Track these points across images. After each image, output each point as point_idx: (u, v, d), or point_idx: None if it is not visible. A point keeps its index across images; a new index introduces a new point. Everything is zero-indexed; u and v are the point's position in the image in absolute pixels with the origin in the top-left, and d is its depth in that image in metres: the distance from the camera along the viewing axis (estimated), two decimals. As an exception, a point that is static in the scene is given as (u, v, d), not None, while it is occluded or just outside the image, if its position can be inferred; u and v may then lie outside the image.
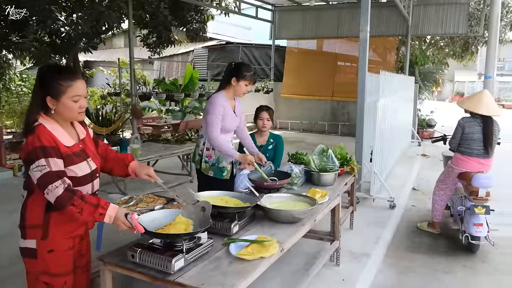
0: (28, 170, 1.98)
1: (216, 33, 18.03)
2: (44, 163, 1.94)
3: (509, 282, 3.65)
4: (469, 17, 11.46)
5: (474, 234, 4.00)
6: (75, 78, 2.07)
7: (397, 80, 7.74)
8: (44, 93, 2.03)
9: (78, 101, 2.08)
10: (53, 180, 1.94)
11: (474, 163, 4.36)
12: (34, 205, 2.08)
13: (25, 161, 1.99)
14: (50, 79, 2.03)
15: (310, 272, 3.25)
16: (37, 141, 1.96)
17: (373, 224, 4.98)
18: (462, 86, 35.43)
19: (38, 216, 2.07)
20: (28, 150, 1.96)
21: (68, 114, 2.09)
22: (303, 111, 13.36)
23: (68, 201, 1.94)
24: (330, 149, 3.92)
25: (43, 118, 2.06)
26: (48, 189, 1.93)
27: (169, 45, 11.63)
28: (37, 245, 2.09)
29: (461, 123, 4.44)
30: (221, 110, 3.40)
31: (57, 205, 1.97)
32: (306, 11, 12.95)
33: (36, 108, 2.05)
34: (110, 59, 17.65)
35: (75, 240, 2.20)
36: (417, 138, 11.47)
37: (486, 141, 4.29)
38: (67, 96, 2.04)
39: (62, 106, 2.05)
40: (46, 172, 1.94)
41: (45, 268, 2.10)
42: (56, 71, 2.07)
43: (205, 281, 1.98)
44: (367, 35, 5.76)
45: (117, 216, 2.06)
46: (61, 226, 2.10)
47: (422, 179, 7.39)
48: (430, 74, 13.45)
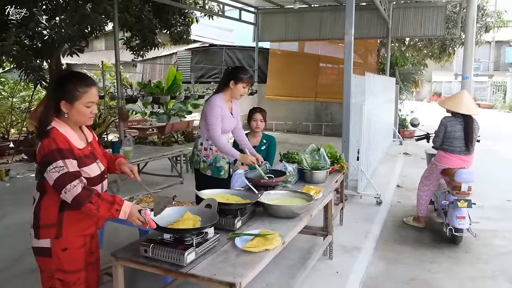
0: (44, 172, 2.06)
1: (199, 35, 18.10)
2: (61, 164, 2.03)
3: (490, 270, 3.88)
4: (446, 19, 11.84)
5: (458, 227, 4.24)
6: (91, 85, 2.18)
7: (381, 81, 7.99)
8: (59, 97, 2.12)
9: (90, 107, 2.18)
10: (71, 179, 2.03)
11: (456, 160, 4.60)
12: (48, 205, 2.16)
13: (41, 163, 2.06)
14: (68, 84, 2.12)
15: (307, 265, 3.41)
16: (53, 143, 2.05)
17: (361, 219, 5.19)
18: (440, 86, 36.24)
19: (52, 215, 2.15)
20: (45, 152, 2.04)
21: (79, 119, 2.19)
22: (287, 112, 13.56)
23: (86, 199, 2.04)
24: (322, 148, 4.08)
25: (56, 121, 2.14)
26: (66, 188, 2.02)
27: (152, 48, 11.67)
28: (52, 244, 2.17)
29: (443, 122, 4.67)
30: (219, 111, 3.54)
31: (75, 204, 2.05)
32: (289, 13, 13.16)
33: (51, 112, 2.13)
34: (91, 62, 17.54)
35: (86, 238, 2.30)
36: (399, 137, 11.80)
37: (467, 139, 4.54)
38: (81, 101, 2.14)
39: (76, 111, 2.15)
40: (64, 173, 2.03)
41: (59, 265, 2.20)
42: (75, 77, 2.17)
43: (216, 272, 2.10)
44: (351, 38, 5.97)
45: (131, 212, 2.17)
46: (74, 225, 2.19)
47: (406, 176, 7.65)
48: (409, 75, 13.80)
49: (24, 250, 4.27)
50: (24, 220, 5.21)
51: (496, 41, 30.46)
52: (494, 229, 4.87)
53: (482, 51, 27.68)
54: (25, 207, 5.64)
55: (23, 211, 5.55)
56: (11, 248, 4.36)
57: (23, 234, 4.75)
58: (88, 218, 2.24)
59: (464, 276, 3.78)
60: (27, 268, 3.87)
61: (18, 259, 4.08)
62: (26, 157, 9.26)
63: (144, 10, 10.25)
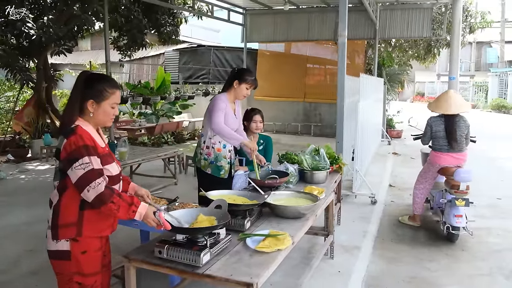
0: (68, 169, 2.06)
1: (185, 36, 18.03)
2: (87, 161, 2.05)
3: (487, 267, 3.97)
4: (432, 21, 12.03)
5: (455, 225, 4.32)
6: (117, 87, 2.27)
7: (372, 82, 8.09)
8: (87, 97, 2.16)
9: (114, 108, 2.25)
10: (96, 177, 2.05)
11: (447, 158, 4.73)
12: (69, 204, 2.15)
13: (67, 160, 2.06)
14: (97, 84, 2.18)
15: (312, 264, 3.44)
16: (80, 140, 2.07)
17: (358, 219, 5.25)
18: (423, 87, 36.84)
19: (72, 214, 2.14)
20: (72, 149, 2.06)
21: (103, 118, 2.23)
22: (276, 112, 13.61)
23: (108, 198, 2.06)
24: (322, 149, 4.12)
25: (79, 120, 2.17)
26: (91, 186, 2.03)
27: (140, 48, 11.60)
28: (71, 247, 2.15)
29: (429, 123, 4.86)
30: (224, 105, 3.60)
31: (97, 202, 2.06)
32: (277, 14, 13.19)
33: (76, 110, 2.17)
34: (76, 62, 17.31)
35: (102, 240, 2.30)
36: (387, 137, 11.95)
37: (449, 137, 4.68)
38: (108, 102, 2.21)
39: (102, 111, 2.20)
40: (89, 170, 2.04)
41: (78, 268, 2.18)
42: (103, 78, 2.25)
43: (232, 272, 2.11)
44: (345, 39, 6.00)
45: (147, 213, 2.19)
46: (93, 225, 2.19)
47: (397, 176, 7.76)
48: (395, 76, 14.02)
49: (21, 252, 4.22)
50: (19, 221, 5.16)
51: (477, 42, 31.07)
52: (488, 227, 4.98)
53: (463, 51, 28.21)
54: (19, 208, 5.64)
55: (18, 213, 5.48)
56: (8, 250, 4.29)
57: (19, 236, 4.71)
58: (105, 219, 2.24)
59: (463, 273, 3.86)
60: (26, 270, 3.83)
61: (15, 262, 4.02)
62: (12, 158, 9.11)
63: (133, 10, 10.18)
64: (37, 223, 5.08)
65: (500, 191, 6.66)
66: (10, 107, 12.37)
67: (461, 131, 4.68)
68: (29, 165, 8.64)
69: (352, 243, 4.46)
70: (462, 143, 4.71)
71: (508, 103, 24.45)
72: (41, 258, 4.05)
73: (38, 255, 4.13)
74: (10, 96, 13.16)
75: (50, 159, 9.02)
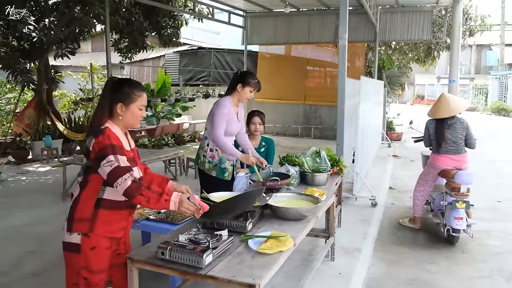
0: (98, 166, 2.18)
1: (186, 38, 18.06)
2: (113, 159, 2.16)
3: (488, 269, 3.98)
4: (432, 23, 12.06)
5: (455, 227, 4.33)
6: (144, 90, 2.40)
7: (372, 85, 8.11)
8: (116, 100, 2.30)
9: (141, 110, 2.38)
10: (122, 173, 2.15)
11: (445, 159, 4.76)
12: (86, 200, 2.27)
13: (96, 158, 2.19)
14: (125, 88, 2.32)
15: (313, 266, 3.45)
16: (107, 139, 2.19)
17: (358, 221, 5.26)
18: (422, 89, 36.89)
19: (88, 210, 2.25)
20: (99, 148, 2.18)
21: (131, 121, 2.37)
22: (276, 115, 13.62)
23: (136, 191, 2.15)
24: (324, 151, 4.13)
25: (109, 122, 2.30)
26: (118, 182, 2.14)
27: (141, 50, 11.64)
28: (81, 241, 2.26)
29: (426, 125, 4.97)
30: (226, 111, 3.60)
31: (127, 196, 2.18)
32: (277, 17, 13.23)
33: (105, 113, 2.30)
34: (77, 64, 17.33)
35: (113, 241, 2.37)
36: (387, 139, 11.96)
37: (438, 138, 4.75)
38: (136, 104, 2.34)
39: (130, 113, 2.33)
40: (115, 167, 2.15)
41: (86, 263, 2.27)
42: (131, 82, 2.38)
43: (235, 274, 2.12)
44: (345, 42, 6.01)
45: (181, 200, 2.25)
46: (105, 224, 2.28)
47: (397, 178, 7.77)
48: (395, 78, 14.04)
49: (22, 253, 4.23)
50: (20, 223, 5.16)
51: (477, 44, 31.10)
52: (488, 230, 4.99)
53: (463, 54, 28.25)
54: (20, 210, 5.65)
55: (19, 214, 5.49)
56: (9, 252, 4.30)
57: (20, 237, 4.72)
58: (118, 222, 2.34)
59: (463, 275, 3.87)
60: (27, 272, 3.83)
61: (17, 263, 4.02)
62: (13, 159, 9.12)
63: (134, 12, 10.22)
64: (37, 224, 5.09)
65: (500, 193, 6.68)
66: (11, 108, 12.41)
67: (457, 133, 4.71)
68: (29, 167, 8.65)
69: (353, 245, 4.47)
70: (458, 145, 4.73)
71: (508, 106, 24.48)
72: (42, 260, 4.07)
73: (39, 257, 4.14)
74: (11, 98, 13.21)
75: (51, 161, 9.03)
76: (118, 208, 2.33)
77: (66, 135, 9.72)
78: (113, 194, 2.29)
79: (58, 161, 8.75)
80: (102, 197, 2.28)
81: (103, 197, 2.28)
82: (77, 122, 10.77)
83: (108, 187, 2.28)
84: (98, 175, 2.24)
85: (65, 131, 9.69)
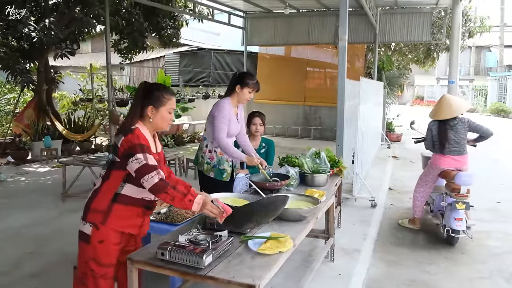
0: (126, 163, 2.29)
1: (186, 39, 18.04)
2: (141, 157, 2.26)
3: (487, 270, 3.98)
4: (431, 25, 12.08)
5: (455, 228, 4.34)
6: (173, 94, 2.54)
7: (372, 86, 8.12)
8: (147, 103, 2.42)
9: (170, 113, 2.51)
10: (150, 171, 2.24)
11: (447, 160, 4.77)
12: (105, 193, 2.39)
13: (124, 155, 2.30)
14: (156, 92, 2.45)
15: (313, 267, 3.45)
16: (136, 139, 2.31)
17: (358, 222, 5.27)
18: (422, 90, 36.91)
19: (104, 203, 2.37)
20: (128, 146, 2.30)
21: (161, 123, 2.48)
22: (276, 116, 13.62)
23: (162, 189, 2.25)
24: (323, 152, 4.13)
25: (139, 123, 2.43)
26: (145, 178, 2.23)
27: (141, 51, 11.64)
28: (91, 233, 2.36)
29: (429, 127, 4.96)
30: (227, 114, 3.60)
31: (153, 192, 2.27)
32: (277, 18, 13.23)
33: (136, 115, 2.44)
34: (77, 64, 17.33)
35: (123, 237, 2.45)
36: (387, 140, 11.97)
37: (441, 139, 4.76)
38: (166, 107, 2.47)
39: (160, 116, 2.45)
40: (143, 164, 2.25)
41: (94, 255, 2.37)
42: (161, 86, 2.52)
43: (235, 274, 2.12)
44: (345, 43, 6.02)
45: (205, 202, 2.35)
46: (118, 219, 2.38)
47: (396, 179, 7.78)
48: (395, 79, 14.04)
49: (21, 254, 4.22)
50: (19, 224, 5.15)
51: (476, 46, 31.12)
52: (488, 230, 5.00)
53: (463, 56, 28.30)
54: (19, 211, 5.64)
55: (18, 215, 5.48)
56: (9, 252, 4.29)
57: (20, 238, 4.71)
58: (132, 219, 2.42)
59: (463, 276, 3.87)
60: (27, 273, 3.83)
61: (17, 263, 4.02)
62: (12, 160, 9.12)
63: (134, 13, 10.22)
64: (37, 225, 5.09)
65: (500, 194, 6.68)
66: (10, 109, 12.41)
67: (459, 133, 4.72)
68: (29, 167, 8.64)
69: (353, 246, 4.47)
70: (461, 146, 4.74)
71: (507, 107, 24.51)
72: (41, 261, 4.06)
73: (39, 258, 4.14)
74: (11, 98, 13.20)
75: (50, 161, 9.03)
76: (133, 204, 2.41)
77: (65, 135, 9.72)
78: (131, 191, 2.39)
79: (58, 161, 8.76)
80: (120, 192, 2.37)
81: (121, 192, 2.37)
82: (77, 122, 10.76)
83: (127, 184, 2.38)
84: (120, 171, 2.36)
85: (64, 132, 9.69)
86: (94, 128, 10.11)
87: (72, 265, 3.27)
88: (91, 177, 6.18)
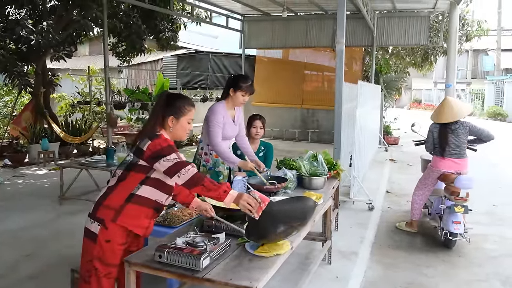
0: (154, 163, 2.36)
1: (184, 42, 18.06)
2: (175, 156, 2.36)
3: (484, 273, 4.00)
4: (429, 29, 12.13)
5: (453, 231, 4.35)
6: (193, 105, 2.61)
7: (369, 89, 8.14)
8: (168, 113, 2.49)
9: (190, 123, 2.58)
10: (185, 165, 2.35)
11: (448, 163, 4.79)
12: (120, 192, 2.41)
13: (152, 157, 2.36)
14: (177, 102, 2.52)
15: (310, 270, 3.45)
16: (164, 142, 2.40)
17: (355, 225, 5.27)
18: (420, 94, 37.03)
19: (118, 201, 2.40)
20: (157, 148, 2.36)
21: (180, 133, 2.57)
22: (273, 118, 13.61)
23: (200, 181, 2.35)
24: (321, 155, 4.14)
25: (162, 131, 2.50)
26: (181, 172, 2.33)
27: (139, 54, 11.64)
28: (99, 232, 2.37)
29: (430, 129, 4.97)
30: (220, 117, 3.60)
31: (189, 184, 2.36)
32: (275, 21, 13.26)
33: (158, 123, 2.50)
34: (74, 67, 17.31)
35: (129, 237, 2.46)
36: (384, 143, 11.99)
37: (441, 142, 4.79)
38: (186, 118, 2.55)
39: (179, 125, 2.53)
40: (177, 162, 2.35)
41: (100, 254, 2.38)
42: (182, 97, 2.60)
43: (232, 276, 2.12)
44: (343, 47, 6.03)
45: (239, 195, 2.43)
46: (128, 217, 2.40)
47: (394, 182, 7.79)
48: (393, 83, 14.09)
49: (18, 257, 4.21)
50: (16, 226, 5.14)
51: (474, 49, 31.25)
52: (485, 234, 5.01)
53: (460, 59, 28.42)
54: (17, 213, 5.63)
55: (15, 218, 5.47)
56: (5, 255, 4.27)
57: (17, 241, 4.70)
58: (141, 219, 2.44)
59: (460, 279, 3.88)
60: (24, 275, 3.82)
61: (13, 266, 4.01)
62: (10, 162, 9.09)
63: (132, 16, 10.23)
64: (34, 228, 5.07)
65: (497, 198, 6.70)
66: (7, 111, 12.38)
67: (460, 137, 4.73)
68: (26, 170, 8.62)
69: (350, 248, 4.48)
70: (462, 149, 4.76)
71: (505, 111, 24.58)
72: (39, 263, 4.06)
73: (36, 260, 4.13)
74: (8, 101, 13.17)
75: (48, 164, 9.01)
76: (146, 205, 2.44)
77: (63, 138, 9.69)
78: (147, 192, 2.43)
79: (55, 164, 8.74)
80: (135, 193, 2.40)
81: (136, 193, 2.41)
82: (74, 125, 10.74)
83: (144, 186, 2.42)
84: (140, 174, 2.41)
85: (62, 134, 9.67)
86: (91, 130, 10.09)
87: (70, 268, 3.28)
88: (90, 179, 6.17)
